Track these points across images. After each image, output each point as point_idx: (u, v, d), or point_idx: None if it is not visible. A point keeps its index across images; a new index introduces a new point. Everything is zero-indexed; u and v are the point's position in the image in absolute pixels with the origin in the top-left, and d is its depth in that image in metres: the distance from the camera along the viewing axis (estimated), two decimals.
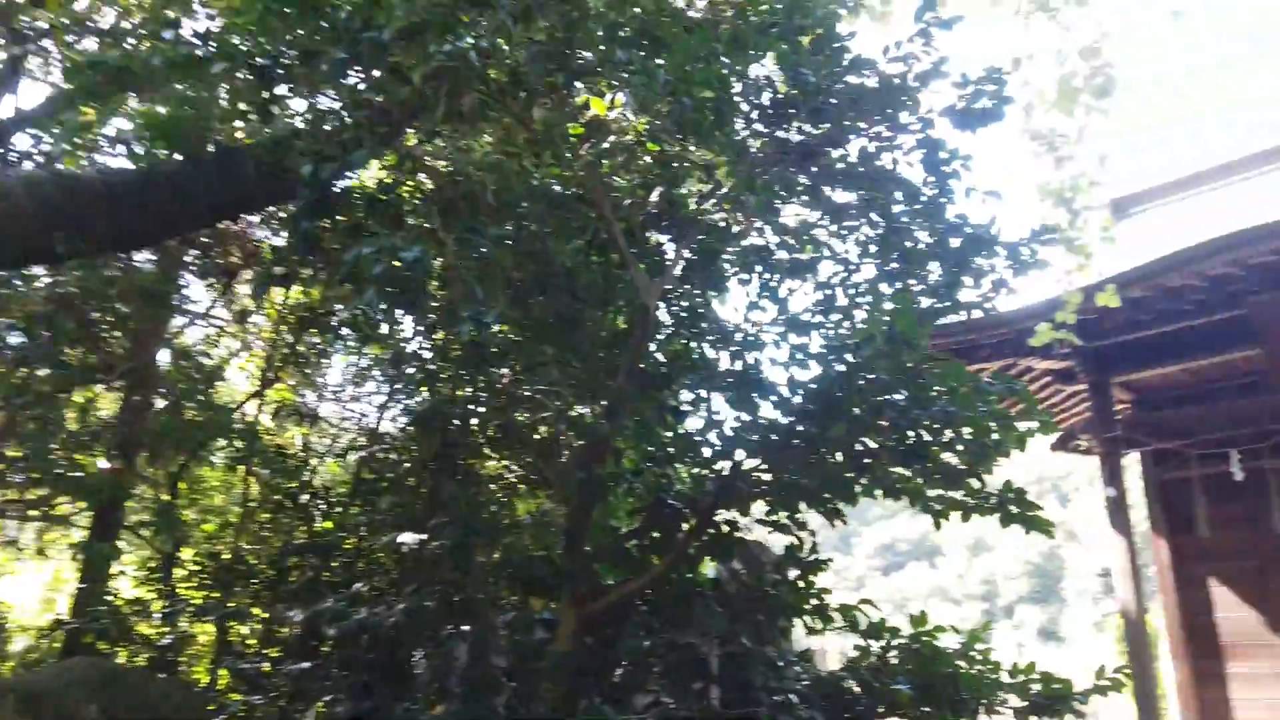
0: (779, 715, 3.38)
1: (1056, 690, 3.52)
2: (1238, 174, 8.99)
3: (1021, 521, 3.74)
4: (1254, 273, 7.00)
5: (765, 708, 3.35)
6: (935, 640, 3.59)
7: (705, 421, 4.39)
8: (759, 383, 4.26)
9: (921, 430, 3.54)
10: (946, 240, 4.04)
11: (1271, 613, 8.24)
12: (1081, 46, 6.20)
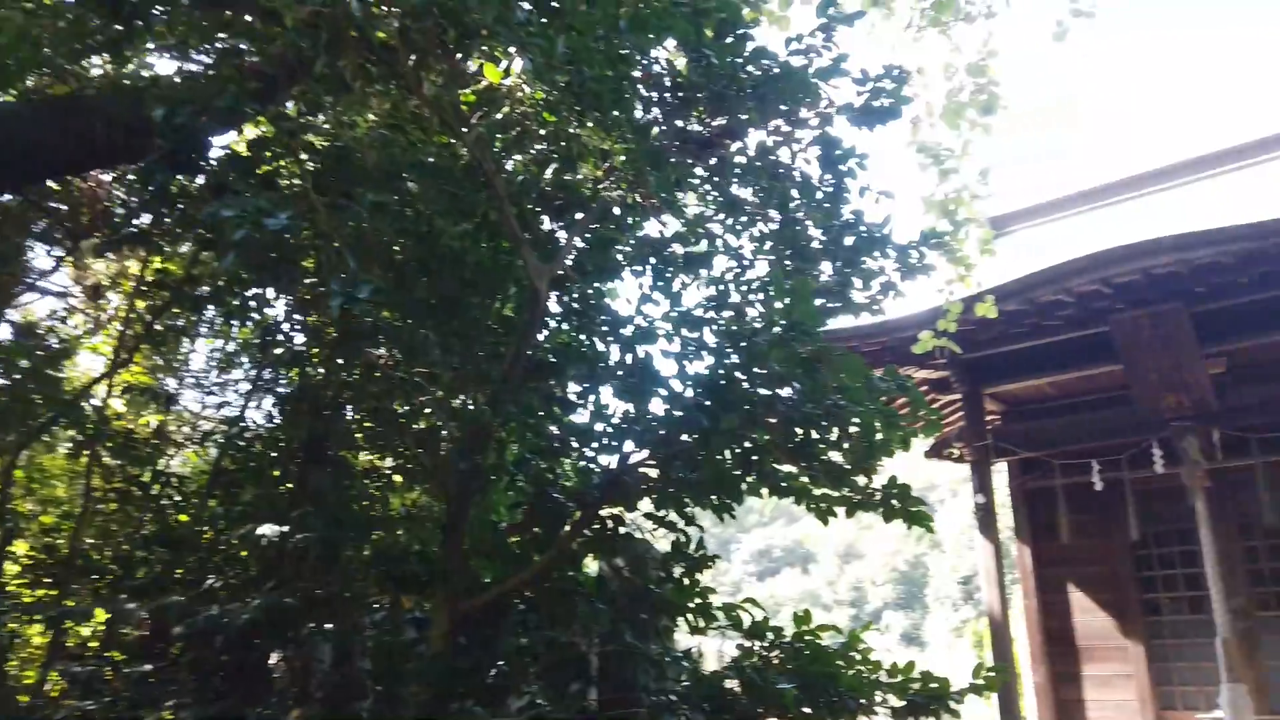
0: (660, 715, 3.27)
1: (934, 690, 3.53)
2: (1108, 198, 9.46)
3: (904, 517, 3.74)
4: (1119, 291, 7.35)
5: (646, 708, 3.22)
6: (818, 640, 3.54)
7: (593, 414, 4.25)
8: (649, 376, 4.14)
9: (811, 427, 3.50)
10: (841, 238, 4.03)
11: (1123, 617, 8.68)
12: (969, 63, 6.37)
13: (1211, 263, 6.85)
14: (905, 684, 3.55)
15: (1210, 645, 7.53)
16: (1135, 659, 8.46)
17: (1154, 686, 8.33)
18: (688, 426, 3.71)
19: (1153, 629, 8.51)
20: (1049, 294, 7.44)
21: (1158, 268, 6.96)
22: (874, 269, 4.44)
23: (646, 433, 3.89)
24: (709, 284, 4.79)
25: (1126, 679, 8.49)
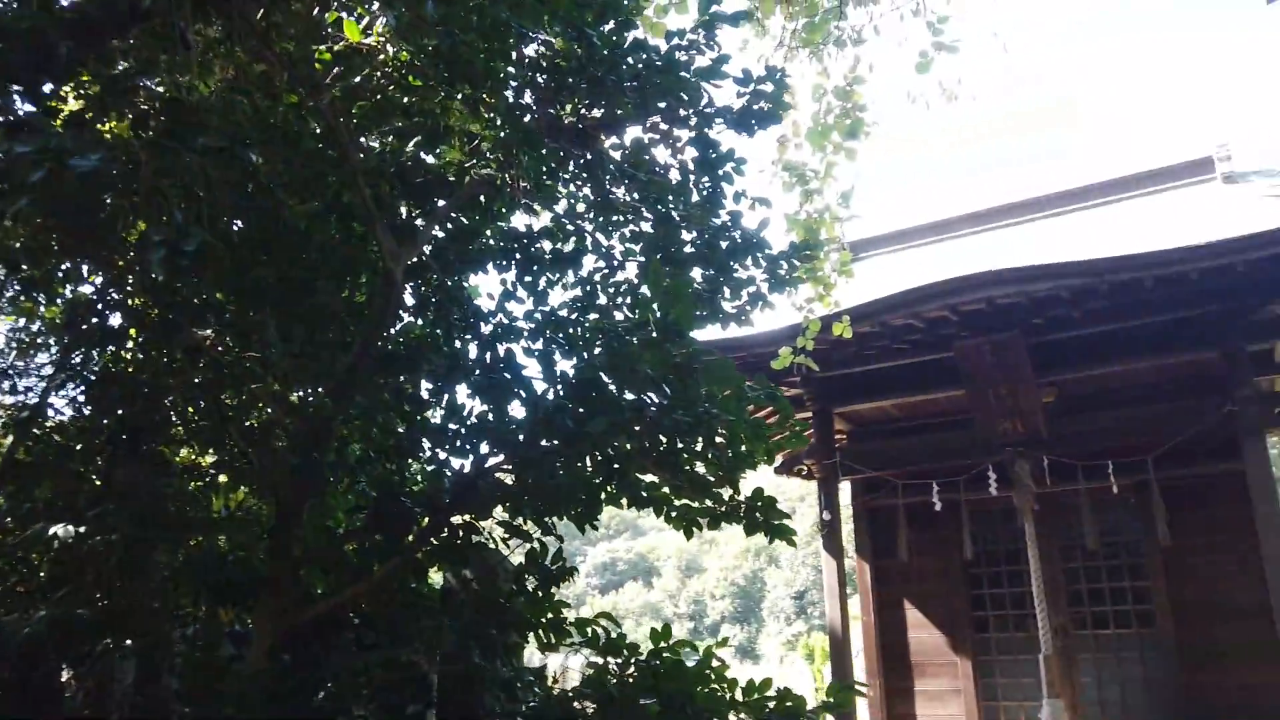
0: None
1: (790, 708, 3.42)
2: (958, 230, 9.88)
3: (767, 530, 3.66)
4: (964, 319, 7.64)
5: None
6: (676, 657, 3.38)
7: (446, 414, 3.97)
8: (509, 376, 3.90)
9: (680, 435, 3.36)
10: (716, 243, 3.92)
11: (954, 633, 9.02)
12: (836, 86, 6.46)
13: (1049, 296, 7.21)
14: (761, 702, 3.43)
15: (1033, 662, 7.90)
16: (964, 674, 8.80)
17: (980, 701, 8.68)
18: (550, 430, 3.49)
19: (981, 645, 8.88)
20: (901, 318, 7.66)
21: (1001, 298, 7.28)
22: (744, 278, 4.36)
23: (504, 436, 3.66)
24: (576, 285, 4.61)
25: (956, 694, 8.81)
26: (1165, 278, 6.83)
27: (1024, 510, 8.06)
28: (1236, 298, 7.03)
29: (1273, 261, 6.61)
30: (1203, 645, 7.94)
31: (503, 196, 4.18)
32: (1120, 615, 8.40)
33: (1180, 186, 9.02)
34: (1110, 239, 7.90)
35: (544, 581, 3.50)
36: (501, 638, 3.30)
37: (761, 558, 65.07)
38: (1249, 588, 7.72)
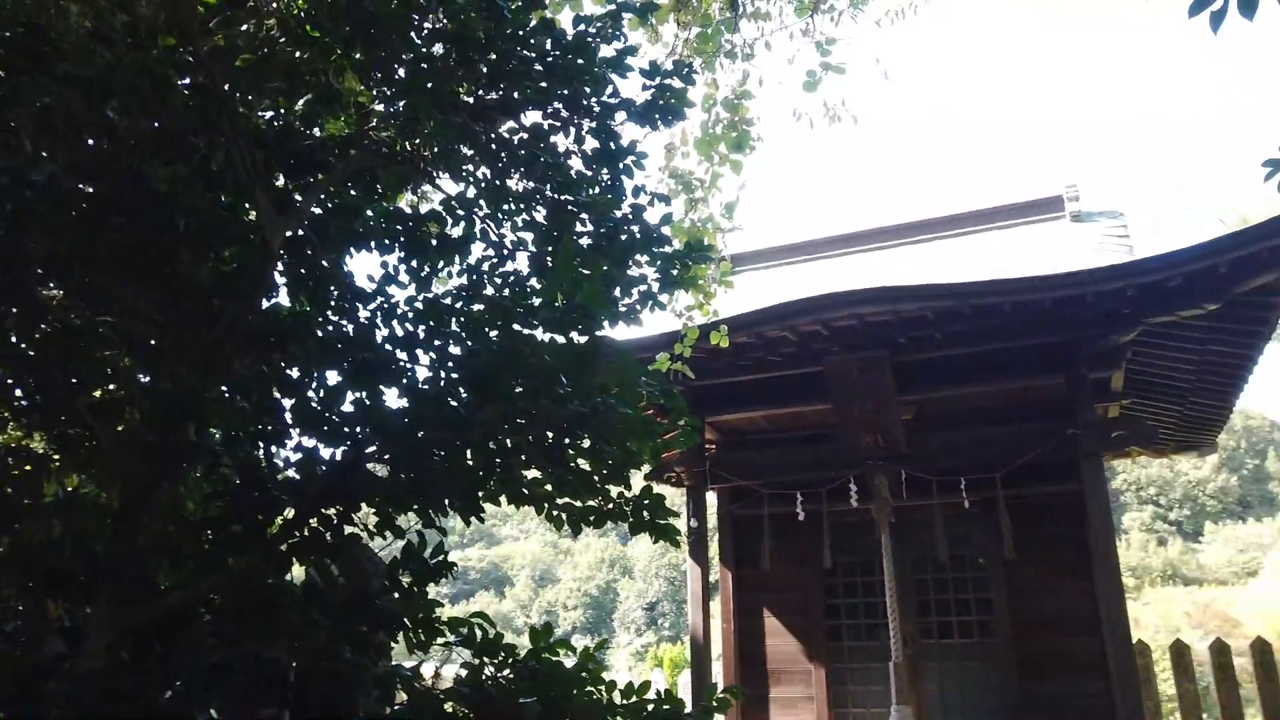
0: None
1: (669, 711, 3.37)
2: (829, 250, 10.18)
3: (652, 530, 3.60)
4: (836, 334, 7.86)
5: None
6: (555, 658, 3.27)
7: (320, 398, 3.73)
8: (390, 362, 3.70)
9: (577, 428, 3.26)
10: (616, 235, 3.84)
11: (806, 640, 9.23)
12: (725, 98, 6.53)
13: (916, 316, 7.51)
14: (640, 705, 3.36)
15: (883, 669, 8.18)
16: (818, 682, 9.02)
17: (832, 709, 8.91)
18: (433, 419, 3.33)
19: (834, 653, 9.12)
20: (776, 330, 7.80)
21: (871, 315, 7.52)
22: (637, 276, 4.30)
23: (382, 424, 3.46)
24: (463, 273, 4.44)
25: (809, 701, 9.02)
26: (1021, 304, 7.23)
27: (881, 522, 8.36)
28: (1083, 328, 7.51)
29: (1115, 296, 7.11)
30: (1038, 655, 8.42)
31: (390, 174, 3.98)
32: (964, 625, 8.81)
33: (1033, 222, 9.60)
34: (970, 267, 8.31)
35: (419, 577, 3.32)
36: (372, 636, 3.10)
37: (615, 568, 65.45)
38: (1082, 602, 8.25)
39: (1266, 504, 58.73)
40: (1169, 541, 53.81)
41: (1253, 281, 6.51)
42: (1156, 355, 8.29)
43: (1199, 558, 51.24)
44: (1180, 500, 60.20)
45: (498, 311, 3.25)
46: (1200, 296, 6.78)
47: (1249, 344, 7.59)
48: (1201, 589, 40.20)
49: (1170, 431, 10.20)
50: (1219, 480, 60.99)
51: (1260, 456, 63.79)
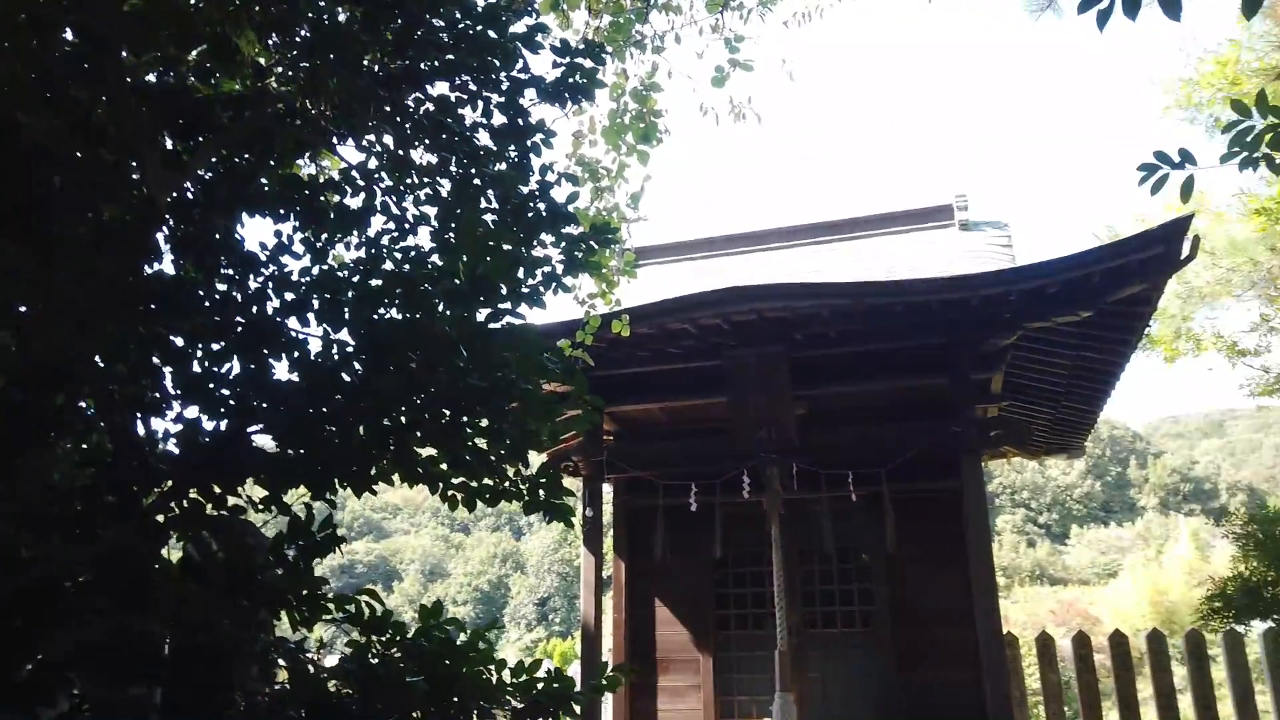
0: None
1: (558, 689, 3.37)
2: (729, 248, 10.33)
3: (548, 510, 3.59)
4: (735, 329, 7.98)
5: (232, 710, 2.68)
6: (445, 635, 3.22)
7: (204, 368, 3.58)
8: (279, 333, 3.59)
9: (475, 404, 3.22)
10: (522, 213, 3.80)
11: (696, 629, 9.36)
12: (633, 88, 6.56)
13: (812, 313, 7.70)
14: (530, 683, 3.35)
15: (769, 658, 8.36)
16: (705, 670, 9.16)
17: (717, 696, 9.06)
18: (326, 393, 3.25)
19: (723, 642, 9.28)
20: (677, 322, 7.88)
21: (770, 311, 7.68)
22: (541, 257, 4.28)
23: (271, 396, 3.35)
24: (361, 246, 4.33)
25: (695, 689, 9.15)
26: (911, 306, 7.50)
27: (772, 514, 8.53)
28: (967, 331, 7.83)
29: (998, 301, 7.45)
30: (916, 645, 8.76)
31: (288, 138, 3.85)
32: (847, 615, 9.09)
33: (925, 229, 9.96)
34: (865, 268, 8.57)
35: (306, 552, 3.23)
36: (254, 612, 3.00)
37: (508, 563, 64.94)
38: (957, 595, 8.59)
39: (1127, 509, 62.46)
40: (1038, 543, 56.71)
41: (1123, 291, 6.91)
42: (1033, 360, 8.73)
43: (1065, 559, 54.16)
44: (1050, 504, 63.49)
45: (397, 283, 3.18)
46: (1075, 304, 7.16)
47: (1118, 351, 8.07)
48: (1066, 588, 42.52)
49: (1043, 434, 10.74)
50: (1085, 486, 64.59)
51: (1123, 464, 67.81)
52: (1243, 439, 77.61)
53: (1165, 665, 11.28)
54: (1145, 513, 58.13)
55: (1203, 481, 63.72)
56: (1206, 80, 7.52)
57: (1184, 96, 7.84)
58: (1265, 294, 8.14)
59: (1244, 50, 7.19)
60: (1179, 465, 67.25)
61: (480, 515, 72.75)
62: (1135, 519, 57.26)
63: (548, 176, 3.93)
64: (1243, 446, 75.55)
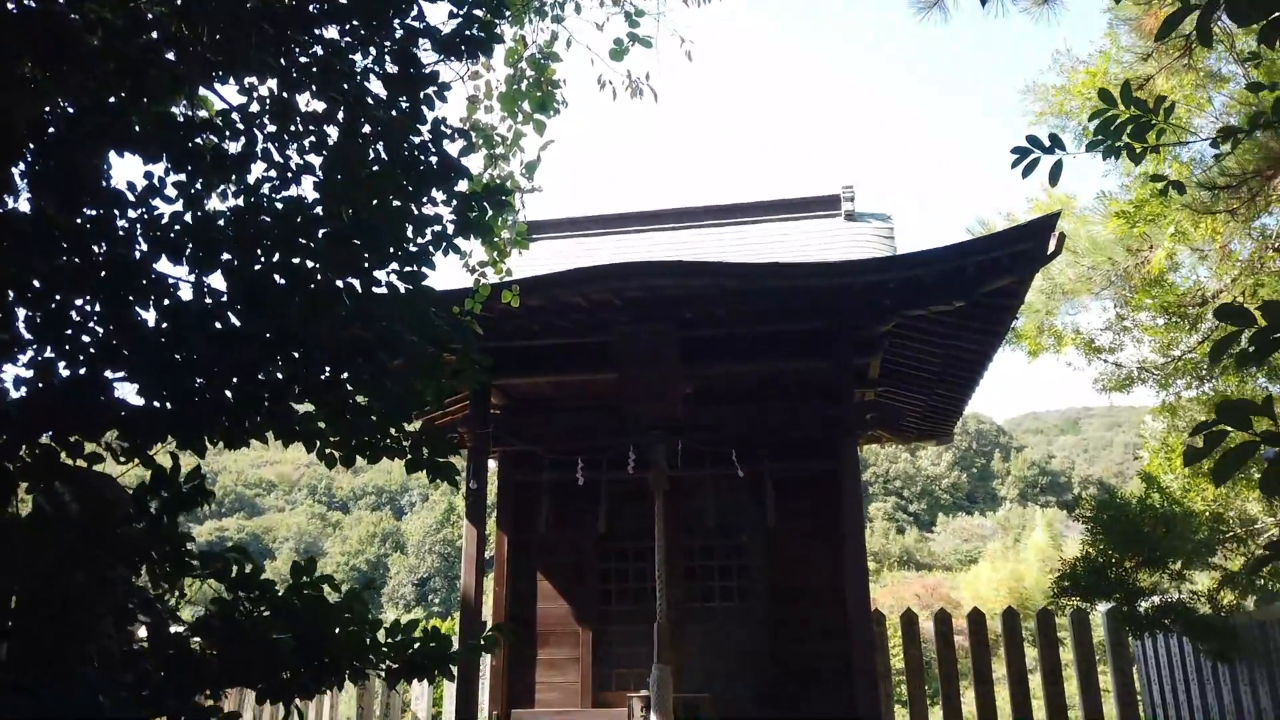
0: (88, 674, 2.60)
1: (435, 649, 3.33)
2: (624, 226, 10.35)
3: (431, 469, 3.54)
4: (627, 304, 8.01)
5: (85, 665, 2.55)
6: (318, 593, 3.14)
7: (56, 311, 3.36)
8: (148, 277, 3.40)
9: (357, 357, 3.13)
10: (413, 166, 3.70)
11: (577, 603, 9.40)
12: (530, 55, 6.48)
13: (704, 292, 7.80)
14: (406, 643, 3.29)
15: (648, 631, 8.47)
16: (584, 643, 9.21)
17: (596, 669, 9.13)
18: (194, 340, 3.10)
19: (603, 616, 9.35)
20: (568, 295, 7.85)
21: (662, 288, 7.74)
22: (431, 215, 4.18)
23: (135, 343, 3.18)
24: (240, 194, 4.14)
25: (574, 662, 9.20)
26: (798, 289, 7.69)
27: (657, 491, 8.63)
28: (848, 316, 8.09)
29: (878, 288, 7.71)
30: (790, 618, 9.03)
31: (163, 73, 3.64)
32: (726, 590, 9.29)
33: (813, 217, 10.22)
34: (756, 252, 8.74)
35: (169, 505, 3.08)
36: (109, 565, 2.84)
37: (388, 543, 63.70)
38: (830, 572, 8.89)
39: (990, 500, 65.92)
40: (907, 530, 59.26)
41: (994, 283, 7.26)
42: (909, 348, 9.08)
43: (931, 545, 56.79)
44: (920, 494, 66.42)
45: (277, 229, 3.05)
46: (950, 294, 7.48)
47: (987, 341, 8.47)
48: (931, 574, 44.61)
49: (916, 420, 11.21)
50: (952, 477, 67.82)
51: (987, 457, 71.47)
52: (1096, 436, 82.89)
53: (1018, 642, 11.99)
54: (1006, 503, 61.48)
55: (1059, 475, 67.79)
56: (1078, 90, 7.92)
57: (1056, 105, 8.25)
58: (1120, 294, 8.68)
59: (1111, 63, 7.62)
60: (1038, 459, 71.38)
61: (360, 493, 71.07)
62: (996, 509, 60.50)
63: (441, 129, 3.85)
64: (1096, 443, 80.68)
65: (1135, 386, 9.14)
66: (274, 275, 3.02)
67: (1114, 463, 67.43)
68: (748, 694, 8.78)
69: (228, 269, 3.07)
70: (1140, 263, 7.24)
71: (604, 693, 9.05)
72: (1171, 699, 10.20)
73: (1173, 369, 8.41)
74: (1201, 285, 7.72)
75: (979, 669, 11.69)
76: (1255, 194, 5.67)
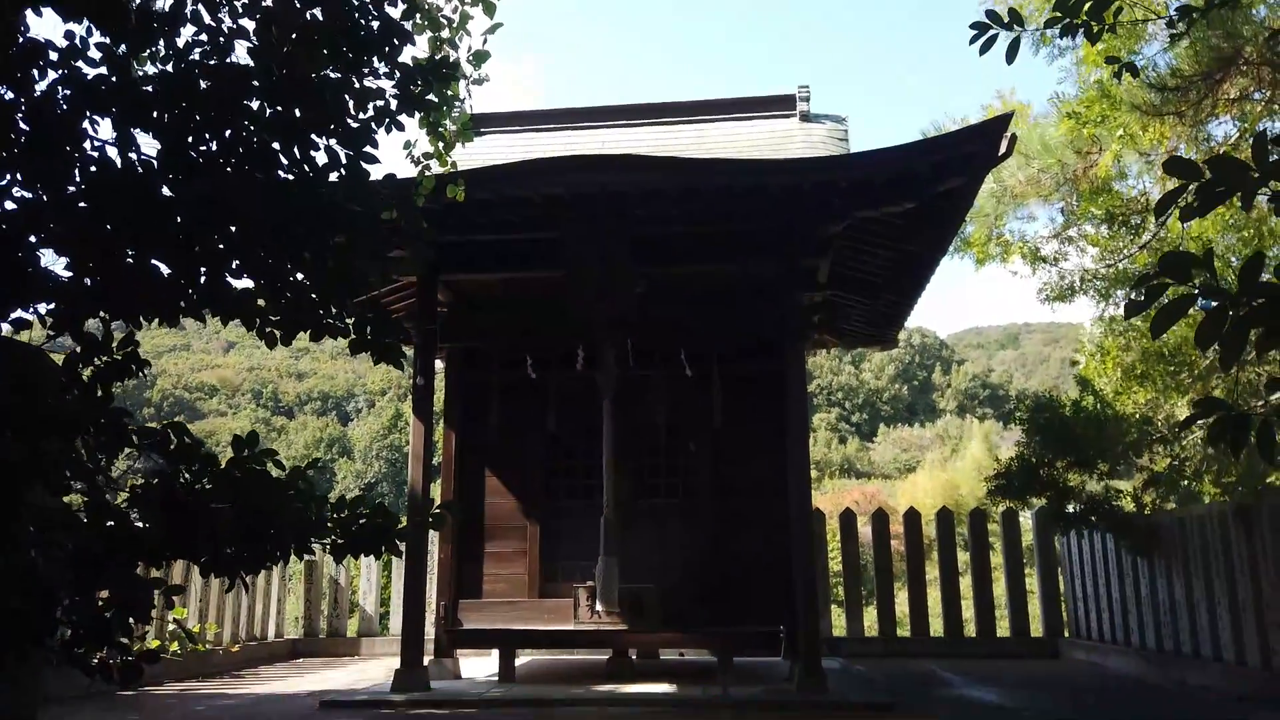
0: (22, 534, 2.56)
1: (382, 524, 3.33)
2: (575, 121, 10.10)
3: (375, 350, 3.48)
4: (577, 200, 7.89)
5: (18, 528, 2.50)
6: (261, 467, 3.10)
7: None
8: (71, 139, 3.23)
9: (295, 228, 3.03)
10: (354, 34, 3.52)
11: (525, 500, 9.52)
12: None
13: (656, 189, 7.70)
14: (352, 519, 3.29)
15: (595, 525, 8.62)
16: (531, 537, 9.36)
17: (543, 562, 9.31)
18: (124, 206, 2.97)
19: (551, 511, 9.49)
20: (517, 189, 7.69)
21: (614, 184, 7.62)
22: (373, 89, 4.02)
23: (59, 210, 3.04)
24: (170, 59, 3.92)
25: (521, 555, 9.36)
26: (751, 187, 7.63)
27: (605, 390, 8.67)
28: (800, 217, 8.06)
29: (830, 187, 7.68)
30: (733, 514, 9.25)
31: None
32: (671, 487, 9.46)
33: (768, 117, 10.07)
34: (709, 149, 8.61)
35: (102, 375, 3.00)
36: (40, 435, 2.76)
37: (334, 449, 63.53)
38: (773, 473, 9.08)
39: (929, 412, 67.63)
40: (849, 440, 60.77)
41: (945, 184, 7.28)
42: (859, 252, 9.12)
43: (871, 455, 58.40)
44: (861, 405, 67.87)
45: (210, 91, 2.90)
46: (902, 195, 7.49)
47: (937, 244, 8.53)
48: (870, 482, 46.01)
49: (862, 325, 11.34)
50: (894, 390, 69.34)
51: (929, 370, 73.09)
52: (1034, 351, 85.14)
53: (951, 542, 12.49)
54: (945, 415, 63.17)
55: (998, 388, 69.70)
56: None
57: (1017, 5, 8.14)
58: (1068, 202, 8.77)
59: None
60: (978, 373, 73.23)
61: (305, 399, 70.45)
62: (936, 420, 62.18)
63: None
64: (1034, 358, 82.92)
65: (1077, 297, 9.32)
66: (206, 137, 2.88)
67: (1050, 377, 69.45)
68: (690, 586, 9.03)
69: (158, 130, 2.92)
70: (1088, 166, 7.30)
71: (551, 584, 9.24)
72: (1093, 592, 10.74)
73: (1114, 278, 8.58)
74: (1146, 193, 7.83)
75: (913, 569, 12.19)
76: (1203, 97, 5.70)
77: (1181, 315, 1.56)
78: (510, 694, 7.69)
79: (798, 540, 8.11)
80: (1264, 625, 7.38)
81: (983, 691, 8.38)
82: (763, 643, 8.56)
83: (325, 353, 69.62)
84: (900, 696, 7.70)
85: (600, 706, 7.23)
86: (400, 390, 59.17)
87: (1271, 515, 7.29)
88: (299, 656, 12.08)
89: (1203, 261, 1.57)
